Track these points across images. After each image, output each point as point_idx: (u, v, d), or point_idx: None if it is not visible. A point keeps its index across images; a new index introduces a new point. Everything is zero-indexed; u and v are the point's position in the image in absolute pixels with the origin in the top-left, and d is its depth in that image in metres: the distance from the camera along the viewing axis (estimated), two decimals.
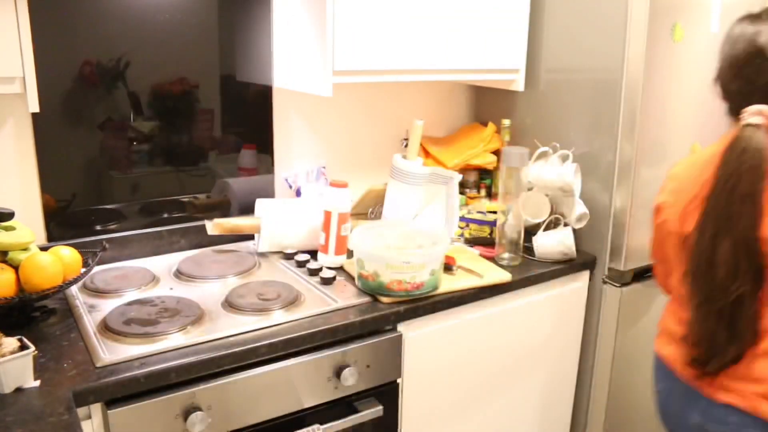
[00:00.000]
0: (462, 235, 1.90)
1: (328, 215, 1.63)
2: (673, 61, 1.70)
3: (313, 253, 1.69)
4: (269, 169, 1.91)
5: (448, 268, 1.62)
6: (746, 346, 1.13)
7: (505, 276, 1.64)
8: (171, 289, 1.51)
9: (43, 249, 1.35)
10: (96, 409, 1.14)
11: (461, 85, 2.27)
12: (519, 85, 1.94)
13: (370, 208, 1.90)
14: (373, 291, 1.47)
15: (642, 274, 1.83)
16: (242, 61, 1.80)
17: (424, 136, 2.14)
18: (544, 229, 1.79)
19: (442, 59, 1.75)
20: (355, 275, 1.53)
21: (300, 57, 1.69)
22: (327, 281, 1.54)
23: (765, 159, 1.09)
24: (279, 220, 1.72)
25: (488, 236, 1.86)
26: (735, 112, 1.17)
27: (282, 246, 1.73)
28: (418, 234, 1.59)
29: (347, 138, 2.06)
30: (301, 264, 1.64)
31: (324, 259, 1.64)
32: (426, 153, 2.11)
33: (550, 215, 1.79)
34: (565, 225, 1.78)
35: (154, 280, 1.55)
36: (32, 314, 1.34)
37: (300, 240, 1.73)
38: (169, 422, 1.19)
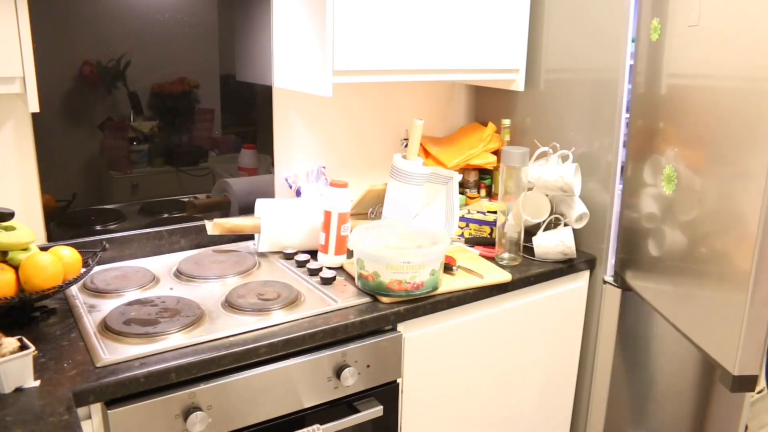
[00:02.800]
0: (462, 235, 1.90)
1: (328, 215, 1.63)
2: (657, 58, 1.69)
3: (313, 253, 1.69)
4: (269, 169, 1.92)
5: (448, 268, 1.62)
6: None
7: (505, 276, 1.64)
8: (171, 289, 1.51)
9: (43, 249, 1.35)
10: (96, 409, 1.14)
11: (461, 85, 2.27)
12: (519, 85, 1.94)
13: (370, 208, 1.90)
14: (373, 291, 1.47)
15: None
16: (242, 61, 1.80)
17: (424, 136, 2.15)
18: (544, 229, 1.80)
19: (442, 59, 1.75)
20: (355, 275, 1.53)
21: (300, 57, 1.69)
22: (327, 281, 1.54)
23: None
24: (279, 220, 1.72)
25: (488, 236, 1.86)
26: None
27: (282, 246, 1.73)
28: (418, 234, 1.59)
29: (347, 138, 2.06)
30: (301, 264, 1.64)
31: (324, 259, 1.64)
32: (426, 153, 2.11)
33: (550, 215, 1.79)
34: (565, 225, 1.78)
35: (154, 280, 1.55)
36: (32, 314, 1.34)
37: (300, 240, 1.73)
38: (169, 422, 1.19)
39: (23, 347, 1.11)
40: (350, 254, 1.67)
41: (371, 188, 1.83)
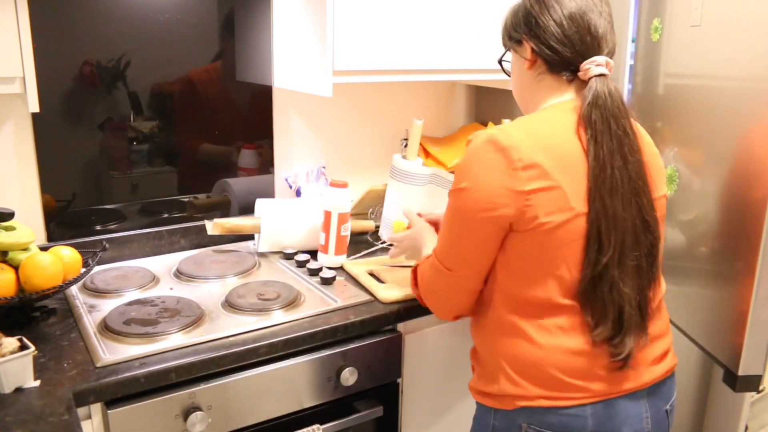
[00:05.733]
0: None
1: (328, 215, 1.63)
2: (657, 58, 1.69)
3: (313, 253, 1.69)
4: (269, 169, 1.92)
5: None
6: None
7: None
8: (171, 289, 1.51)
9: (43, 249, 1.35)
10: (96, 409, 1.14)
11: (461, 85, 2.27)
12: None
13: (370, 208, 1.90)
14: None
15: None
16: (242, 61, 1.80)
17: (424, 136, 2.14)
18: None
19: (442, 59, 1.75)
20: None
21: (300, 57, 1.69)
22: (327, 281, 1.54)
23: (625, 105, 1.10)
24: (279, 220, 1.72)
25: None
26: (565, 68, 1.11)
27: (282, 246, 1.73)
28: None
29: (347, 138, 2.06)
30: (301, 264, 1.64)
31: (324, 259, 1.64)
32: (426, 153, 2.11)
33: None
34: None
35: (154, 280, 1.55)
36: (32, 314, 1.34)
37: (300, 240, 1.73)
38: (169, 422, 1.19)
39: (23, 347, 1.11)
40: (350, 254, 1.67)
41: (371, 188, 1.83)
